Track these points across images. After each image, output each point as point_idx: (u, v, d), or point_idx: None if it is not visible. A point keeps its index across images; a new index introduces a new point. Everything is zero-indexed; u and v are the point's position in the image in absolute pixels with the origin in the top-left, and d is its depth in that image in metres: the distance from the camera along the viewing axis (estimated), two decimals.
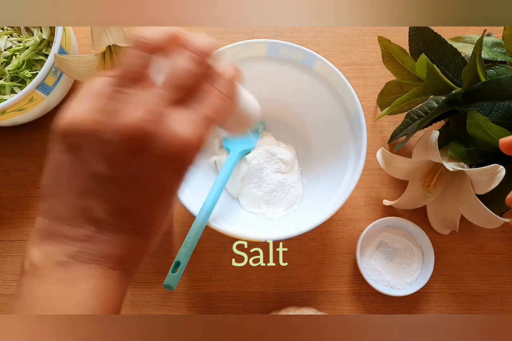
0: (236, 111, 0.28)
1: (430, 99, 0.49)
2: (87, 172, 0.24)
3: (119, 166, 0.23)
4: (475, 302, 0.51)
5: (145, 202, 0.25)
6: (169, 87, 0.23)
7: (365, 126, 0.44)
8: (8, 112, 0.47)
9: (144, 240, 0.26)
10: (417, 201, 0.52)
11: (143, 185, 0.24)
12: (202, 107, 0.24)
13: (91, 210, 0.24)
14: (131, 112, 0.22)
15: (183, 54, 0.24)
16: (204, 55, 0.25)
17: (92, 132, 0.23)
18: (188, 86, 0.24)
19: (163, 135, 0.23)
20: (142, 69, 0.23)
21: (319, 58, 0.46)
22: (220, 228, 0.43)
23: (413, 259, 0.50)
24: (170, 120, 0.23)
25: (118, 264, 0.25)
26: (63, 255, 0.24)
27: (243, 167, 0.50)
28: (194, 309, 0.51)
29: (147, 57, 0.23)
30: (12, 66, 0.49)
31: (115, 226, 0.25)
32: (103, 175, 0.24)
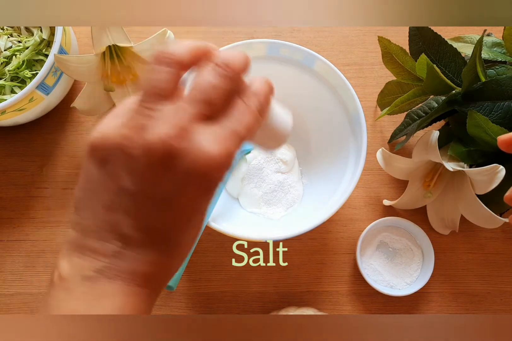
0: (267, 127, 0.28)
1: (430, 99, 0.49)
2: (115, 186, 0.24)
3: (146, 183, 0.23)
4: (475, 302, 0.51)
5: (173, 220, 0.25)
6: (197, 103, 0.23)
7: (365, 126, 0.44)
8: (8, 112, 0.47)
9: (171, 258, 0.26)
10: (417, 201, 0.52)
11: (170, 202, 0.24)
12: (232, 123, 0.24)
13: (118, 225, 0.24)
14: (158, 128, 0.22)
15: (212, 69, 0.24)
16: (233, 69, 0.24)
17: (119, 147, 0.23)
18: (216, 102, 0.24)
19: (190, 152, 0.23)
20: (170, 85, 0.23)
21: (319, 58, 0.46)
22: (220, 228, 0.43)
23: (413, 259, 0.50)
24: (198, 137, 0.23)
25: (144, 282, 0.25)
26: (90, 269, 0.24)
27: (243, 167, 0.50)
28: (194, 309, 0.51)
29: (174, 72, 0.23)
30: (12, 66, 0.49)
31: (142, 242, 0.25)
32: (130, 190, 0.24)
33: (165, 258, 0.25)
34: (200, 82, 0.23)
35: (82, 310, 0.24)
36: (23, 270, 0.52)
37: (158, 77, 0.23)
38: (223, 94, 0.24)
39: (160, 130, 0.22)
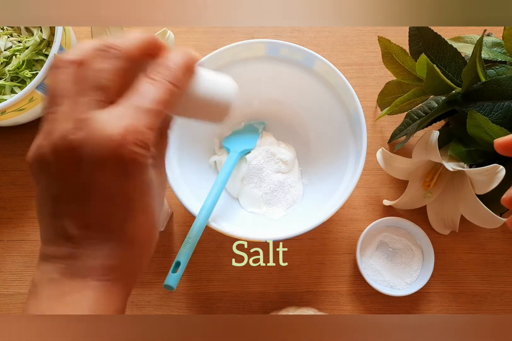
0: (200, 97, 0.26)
1: (430, 99, 0.49)
2: (49, 194, 0.25)
3: (66, 182, 0.24)
4: (475, 302, 0.51)
5: (106, 210, 0.25)
6: (88, 91, 0.24)
7: (365, 126, 0.44)
8: (8, 112, 0.47)
9: (125, 248, 0.26)
10: (417, 201, 0.52)
11: (94, 193, 0.24)
12: (133, 100, 0.24)
13: (64, 228, 0.25)
14: (58, 128, 0.23)
15: (96, 54, 0.24)
16: (119, 49, 0.24)
17: (38, 158, 0.24)
18: (108, 85, 0.24)
19: (90, 138, 0.23)
20: (64, 85, 0.24)
21: (319, 58, 0.46)
22: (220, 228, 0.43)
23: (413, 259, 0.50)
24: (96, 122, 0.23)
25: (106, 275, 0.25)
26: (53, 272, 0.25)
27: (243, 167, 0.50)
28: (194, 309, 0.51)
29: (66, 71, 0.24)
30: (12, 66, 0.49)
31: (90, 238, 0.25)
32: (59, 193, 0.25)
33: (117, 248, 0.25)
34: (87, 70, 0.24)
35: (46, 310, 0.25)
36: (23, 270, 0.52)
37: (51, 80, 0.24)
38: (113, 76, 0.24)
39: (59, 129, 0.23)
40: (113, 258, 0.25)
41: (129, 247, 0.26)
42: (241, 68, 0.48)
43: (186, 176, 0.47)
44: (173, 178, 0.44)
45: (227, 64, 0.48)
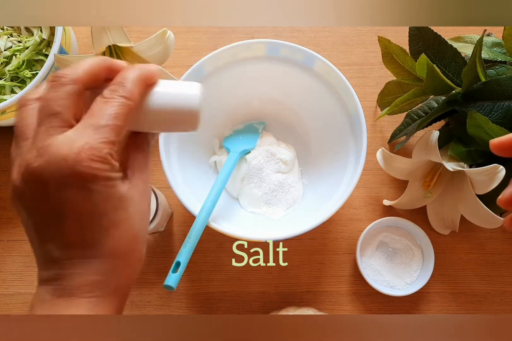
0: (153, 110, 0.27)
1: (430, 99, 0.49)
2: (31, 223, 0.26)
3: (41, 207, 0.25)
4: (475, 302, 0.51)
5: (77, 228, 0.26)
6: (43, 119, 0.25)
7: (365, 126, 0.44)
8: (8, 112, 0.47)
9: (110, 261, 0.27)
10: (417, 201, 0.52)
11: (68, 212, 0.25)
12: (87, 119, 0.25)
13: (49, 252, 0.26)
14: (23, 160, 0.25)
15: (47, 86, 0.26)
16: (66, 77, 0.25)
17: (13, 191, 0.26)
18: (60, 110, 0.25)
19: (50, 163, 0.24)
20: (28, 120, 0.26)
21: (319, 58, 0.46)
22: (220, 228, 0.43)
23: (413, 259, 0.50)
24: (53, 147, 0.24)
25: (92, 292, 0.26)
26: (46, 294, 0.26)
27: (243, 168, 0.50)
28: (194, 309, 0.51)
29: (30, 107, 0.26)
30: (12, 66, 0.49)
31: (72, 258, 0.26)
32: (37, 220, 0.26)
33: (99, 264, 0.26)
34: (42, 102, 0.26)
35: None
36: (23, 270, 0.52)
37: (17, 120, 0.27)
38: (64, 101, 0.25)
39: (24, 160, 0.25)
40: (97, 274, 0.26)
41: (111, 261, 0.27)
42: (241, 68, 0.48)
43: (186, 176, 0.47)
44: (173, 178, 0.44)
45: (227, 64, 0.48)
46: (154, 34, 0.46)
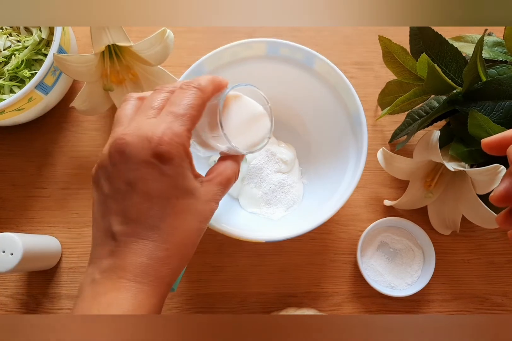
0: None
1: (431, 99, 0.49)
2: (103, 196, 0.29)
3: (117, 180, 0.28)
4: (476, 303, 0.51)
5: (144, 206, 0.27)
6: (144, 111, 0.30)
7: (365, 126, 0.44)
8: (7, 112, 0.47)
9: (163, 248, 0.28)
10: (418, 201, 0.51)
11: (138, 188, 0.27)
12: (169, 108, 0.29)
13: (110, 225, 0.28)
14: (113, 138, 0.29)
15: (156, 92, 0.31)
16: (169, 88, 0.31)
17: (100, 164, 0.29)
18: (155, 104, 0.30)
19: (135, 142, 0.27)
20: (126, 111, 0.31)
21: (319, 57, 0.46)
22: (220, 228, 0.42)
23: (414, 259, 0.50)
24: (139, 129, 0.28)
25: (140, 276, 0.27)
26: (96, 273, 0.28)
27: (243, 168, 0.50)
28: (194, 310, 0.51)
29: (131, 103, 0.32)
30: (11, 66, 0.49)
31: (130, 236, 0.27)
32: (109, 192, 0.28)
33: (152, 248, 0.27)
34: (140, 99, 0.32)
35: (86, 308, 0.26)
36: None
37: (119, 109, 0.32)
38: (161, 101, 0.30)
39: (113, 138, 0.28)
40: (149, 258, 0.27)
41: (165, 248, 0.28)
42: (241, 68, 0.48)
43: None
44: None
45: (227, 64, 0.47)
46: (154, 34, 0.46)
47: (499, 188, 0.28)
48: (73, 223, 0.53)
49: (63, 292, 0.51)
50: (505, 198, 0.27)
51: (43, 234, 0.53)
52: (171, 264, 0.28)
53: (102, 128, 0.56)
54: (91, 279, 0.27)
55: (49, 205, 0.54)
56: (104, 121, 0.56)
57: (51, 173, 0.55)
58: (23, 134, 0.56)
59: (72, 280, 0.52)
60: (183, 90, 0.30)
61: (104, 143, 0.55)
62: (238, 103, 0.34)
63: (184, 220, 0.28)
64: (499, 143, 0.27)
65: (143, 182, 0.27)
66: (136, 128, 0.28)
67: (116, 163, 0.28)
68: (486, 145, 0.28)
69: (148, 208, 0.27)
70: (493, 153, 0.28)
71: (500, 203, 0.28)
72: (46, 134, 0.56)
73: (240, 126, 0.33)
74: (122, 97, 0.52)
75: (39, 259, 0.49)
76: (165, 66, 0.52)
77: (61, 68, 0.46)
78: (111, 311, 0.26)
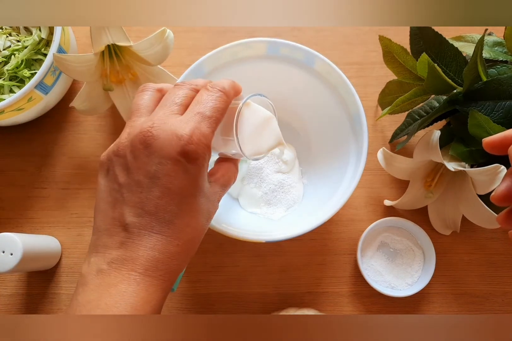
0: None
1: (431, 99, 0.49)
2: (115, 185, 0.28)
3: (137, 171, 0.28)
4: (477, 303, 0.51)
5: (163, 199, 0.28)
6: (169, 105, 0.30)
7: (366, 126, 0.44)
8: (6, 112, 0.47)
9: (173, 243, 0.28)
10: (418, 201, 0.51)
11: (159, 182, 0.27)
12: (196, 108, 0.29)
13: (122, 216, 0.28)
14: (135, 129, 0.28)
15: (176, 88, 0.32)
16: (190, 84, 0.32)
17: (116, 151, 0.29)
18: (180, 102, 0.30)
19: (163, 136, 0.27)
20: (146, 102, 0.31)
21: (319, 57, 0.46)
22: (220, 228, 0.42)
23: (414, 259, 0.50)
24: (168, 125, 0.28)
25: (149, 270, 0.27)
26: (103, 263, 0.27)
27: (243, 168, 0.50)
28: (194, 310, 0.51)
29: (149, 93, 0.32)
30: (11, 66, 0.49)
31: (142, 229, 0.27)
32: (125, 182, 0.28)
33: (164, 242, 0.27)
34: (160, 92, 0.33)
35: (94, 299, 0.26)
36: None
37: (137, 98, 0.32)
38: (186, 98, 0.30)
39: (137, 129, 0.28)
40: (160, 252, 0.27)
41: (174, 243, 0.28)
42: (241, 68, 0.48)
43: None
44: None
45: (227, 64, 0.47)
46: (154, 33, 0.46)
47: (500, 188, 0.28)
48: (73, 223, 0.53)
49: (62, 292, 0.51)
50: (506, 197, 0.27)
51: (43, 234, 0.53)
52: (179, 260, 0.28)
53: (102, 128, 0.56)
54: (98, 269, 0.27)
55: (49, 205, 0.54)
56: (104, 121, 0.56)
57: (51, 173, 0.55)
58: (23, 134, 0.56)
59: (72, 280, 0.52)
60: (209, 92, 0.30)
61: (104, 143, 0.55)
62: (250, 111, 0.34)
63: (195, 218, 0.29)
64: (501, 142, 0.27)
65: (166, 177, 0.27)
66: (163, 123, 0.28)
67: (139, 155, 0.27)
68: (487, 145, 0.28)
69: (167, 203, 0.28)
70: (494, 152, 0.28)
71: (502, 202, 0.28)
72: (46, 134, 0.56)
73: (251, 133, 0.34)
74: (122, 97, 0.52)
75: (39, 259, 0.48)
76: (165, 66, 0.52)
77: (61, 68, 0.46)
78: (121, 302, 0.26)
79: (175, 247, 0.28)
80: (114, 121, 0.56)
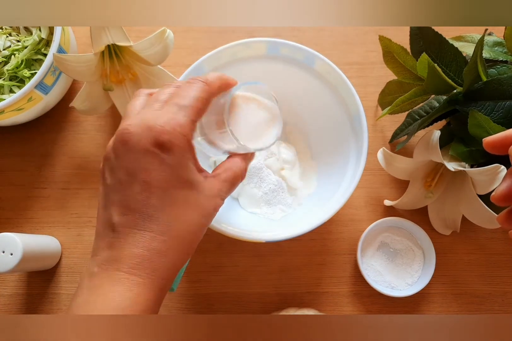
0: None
1: (431, 99, 0.49)
2: (106, 187, 0.29)
3: (118, 170, 0.28)
4: (476, 303, 0.51)
5: (144, 194, 0.27)
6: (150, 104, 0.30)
7: (366, 126, 0.44)
8: (6, 112, 0.47)
9: (161, 239, 0.27)
10: (418, 201, 0.51)
11: (138, 178, 0.27)
12: (175, 99, 0.29)
13: (111, 217, 0.28)
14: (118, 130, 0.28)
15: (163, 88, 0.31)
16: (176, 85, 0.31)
17: (105, 156, 0.29)
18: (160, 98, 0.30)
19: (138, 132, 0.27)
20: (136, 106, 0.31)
21: (319, 57, 0.46)
22: (220, 228, 0.42)
23: (414, 259, 0.50)
24: (144, 119, 0.28)
25: (134, 268, 0.27)
26: (95, 265, 0.27)
27: None
28: (194, 310, 0.51)
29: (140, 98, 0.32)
30: (11, 66, 0.49)
31: (129, 227, 0.27)
32: (110, 183, 0.28)
33: (151, 239, 0.27)
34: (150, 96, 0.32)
35: (83, 301, 0.26)
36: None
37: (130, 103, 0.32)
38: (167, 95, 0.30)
39: (119, 130, 0.28)
40: (145, 248, 0.27)
41: (163, 239, 0.27)
42: (241, 68, 0.48)
43: None
44: None
45: (227, 64, 0.47)
46: (154, 33, 0.46)
47: (500, 187, 0.28)
48: (72, 223, 0.53)
49: (62, 292, 0.51)
50: (506, 197, 0.27)
51: (42, 234, 0.53)
52: (168, 257, 0.27)
53: (102, 128, 0.56)
54: (90, 272, 0.27)
55: (48, 205, 0.54)
56: (104, 121, 0.56)
57: (51, 172, 0.55)
58: (23, 134, 0.56)
59: (72, 280, 0.52)
60: (190, 83, 0.30)
61: (104, 143, 0.55)
62: (248, 102, 0.34)
63: (183, 212, 0.28)
64: (501, 142, 0.27)
65: (143, 171, 0.27)
66: (140, 119, 0.28)
67: (119, 154, 0.27)
68: (487, 144, 0.28)
69: (146, 197, 0.27)
70: (495, 152, 0.28)
71: (502, 202, 0.28)
72: (46, 134, 0.56)
73: (249, 124, 0.33)
74: (122, 97, 0.52)
75: (39, 259, 0.48)
76: (165, 66, 0.52)
77: (61, 68, 0.46)
78: (105, 303, 0.25)
79: (161, 243, 0.27)
80: (114, 121, 0.56)
